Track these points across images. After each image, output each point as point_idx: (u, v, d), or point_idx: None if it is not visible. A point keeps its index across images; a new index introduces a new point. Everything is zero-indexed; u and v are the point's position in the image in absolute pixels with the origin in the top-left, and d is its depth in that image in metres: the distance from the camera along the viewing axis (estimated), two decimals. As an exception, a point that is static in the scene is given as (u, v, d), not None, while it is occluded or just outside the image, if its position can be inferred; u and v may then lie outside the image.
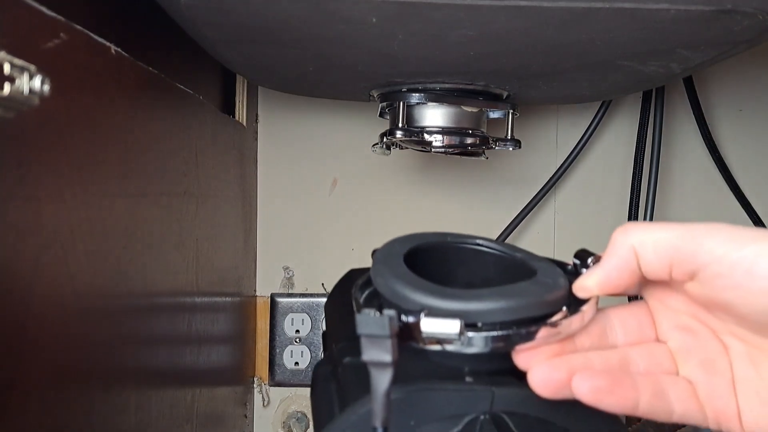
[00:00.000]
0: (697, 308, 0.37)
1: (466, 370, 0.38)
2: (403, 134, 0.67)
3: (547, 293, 0.37)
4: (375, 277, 0.39)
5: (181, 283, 0.60)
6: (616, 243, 0.36)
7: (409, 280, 0.37)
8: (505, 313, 0.35)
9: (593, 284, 0.37)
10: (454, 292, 0.36)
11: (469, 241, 0.44)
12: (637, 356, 0.38)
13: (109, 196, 0.44)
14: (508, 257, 0.42)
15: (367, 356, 0.32)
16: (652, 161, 0.85)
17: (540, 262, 0.40)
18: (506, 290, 0.37)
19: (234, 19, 0.51)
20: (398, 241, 0.43)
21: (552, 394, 0.34)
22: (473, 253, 0.43)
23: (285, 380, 0.92)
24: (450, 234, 0.44)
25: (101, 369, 0.44)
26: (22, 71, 0.31)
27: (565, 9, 0.45)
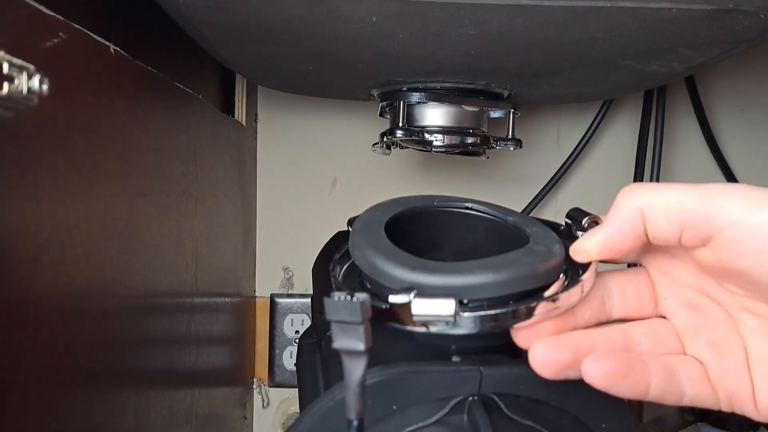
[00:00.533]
0: (705, 280, 0.34)
1: (453, 348, 0.36)
2: (403, 134, 0.67)
3: (541, 263, 0.34)
4: (353, 250, 0.36)
5: (180, 283, 0.60)
6: (621, 204, 0.33)
7: (389, 253, 0.34)
8: (497, 288, 0.33)
9: (593, 247, 0.34)
10: (439, 266, 0.33)
11: (458, 204, 0.41)
12: (639, 334, 0.35)
13: (107, 196, 0.44)
14: (500, 221, 0.40)
15: (338, 344, 0.29)
16: (654, 161, 0.84)
17: (533, 227, 0.38)
18: (497, 261, 0.34)
19: (233, 18, 0.51)
20: (380, 207, 0.40)
21: (554, 374, 0.32)
22: (462, 217, 0.40)
23: (285, 381, 0.91)
24: (438, 197, 0.41)
25: (100, 369, 0.44)
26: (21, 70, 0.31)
27: (566, 8, 0.45)
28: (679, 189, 0.32)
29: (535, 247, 0.35)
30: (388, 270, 0.33)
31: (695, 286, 0.35)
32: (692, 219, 0.31)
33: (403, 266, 0.33)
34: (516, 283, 0.33)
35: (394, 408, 0.34)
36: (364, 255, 0.35)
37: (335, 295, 0.29)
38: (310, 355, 0.44)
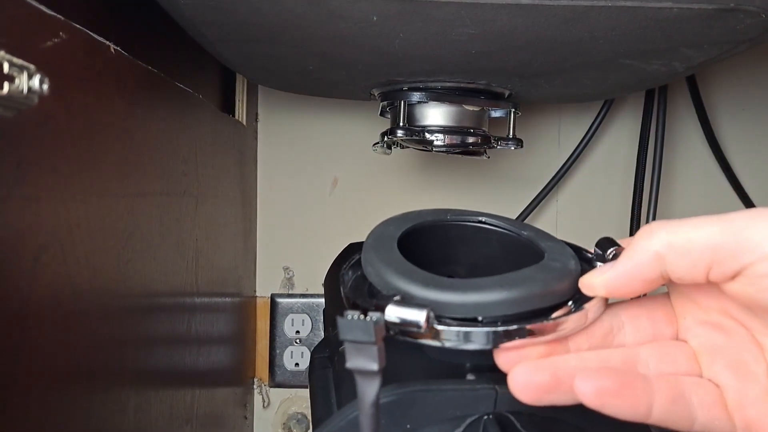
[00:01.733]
0: (731, 305, 0.33)
1: (468, 366, 0.35)
2: (404, 133, 0.67)
3: (556, 280, 0.33)
4: (365, 265, 0.36)
5: (180, 283, 0.60)
6: (637, 246, 0.32)
7: (402, 270, 0.34)
8: (511, 306, 0.32)
9: (600, 285, 0.33)
10: (453, 283, 0.33)
11: (471, 218, 0.40)
12: (648, 355, 0.33)
13: (108, 196, 0.44)
14: (514, 236, 0.39)
15: (352, 363, 0.29)
16: (655, 160, 0.84)
17: (548, 241, 0.37)
18: (511, 278, 0.33)
19: (234, 18, 0.51)
20: (392, 222, 0.39)
21: (533, 399, 0.31)
22: (476, 231, 0.40)
23: (285, 381, 0.91)
24: (450, 210, 0.40)
25: (100, 369, 0.44)
26: (22, 70, 0.30)
27: (567, 7, 0.45)
28: (701, 225, 0.30)
29: (550, 263, 0.35)
30: (401, 287, 0.33)
31: (720, 309, 0.34)
32: (719, 256, 0.30)
33: (416, 283, 0.33)
34: (530, 301, 0.33)
35: (408, 427, 0.34)
36: (377, 271, 0.34)
37: (348, 314, 0.29)
38: (322, 370, 0.44)
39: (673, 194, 0.92)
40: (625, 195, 0.89)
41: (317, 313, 0.91)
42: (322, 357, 0.45)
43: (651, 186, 0.84)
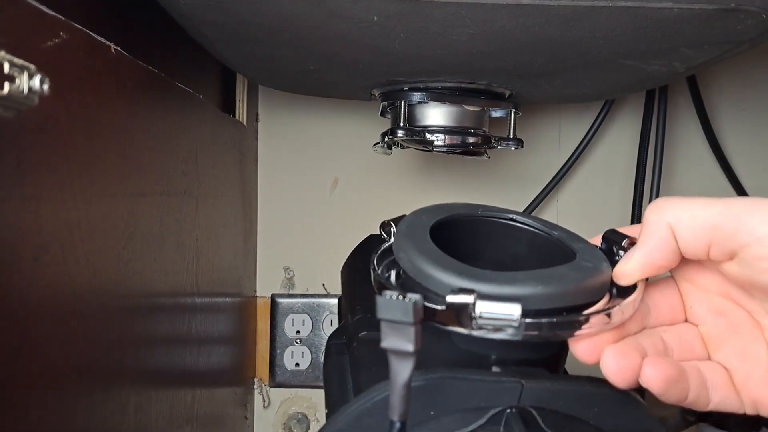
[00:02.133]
0: (732, 287, 0.35)
1: (493, 358, 0.35)
2: (404, 133, 0.67)
3: (590, 279, 0.34)
4: (397, 252, 0.36)
5: (180, 283, 0.60)
6: (651, 222, 0.33)
7: (435, 258, 0.34)
8: (546, 300, 0.32)
9: (634, 269, 0.34)
10: (487, 274, 0.33)
11: (503, 215, 0.40)
12: (670, 341, 0.35)
13: (108, 196, 0.44)
14: (544, 235, 0.39)
15: (387, 343, 0.29)
16: (655, 160, 0.84)
17: (579, 243, 0.37)
18: (546, 274, 0.33)
19: (234, 18, 0.51)
20: (425, 212, 0.39)
21: (627, 381, 0.32)
22: (506, 228, 0.40)
23: (285, 381, 0.91)
24: (482, 206, 0.41)
25: (100, 369, 0.44)
26: (22, 70, 0.30)
27: (568, 7, 0.45)
28: (703, 204, 0.32)
29: (582, 263, 0.35)
30: (434, 274, 0.33)
31: (721, 292, 0.35)
32: (718, 235, 0.32)
33: (450, 272, 0.33)
34: (565, 297, 0.33)
35: (432, 414, 0.33)
36: (410, 258, 0.34)
37: (387, 294, 0.29)
38: (338, 356, 0.44)
39: (674, 194, 0.91)
40: (626, 195, 0.89)
41: (317, 313, 0.91)
42: (338, 343, 0.45)
43: (651, 186, 0.84)
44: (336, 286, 0.92)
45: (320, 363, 0.91)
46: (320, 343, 0.91)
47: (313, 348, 0.91)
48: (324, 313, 0.91)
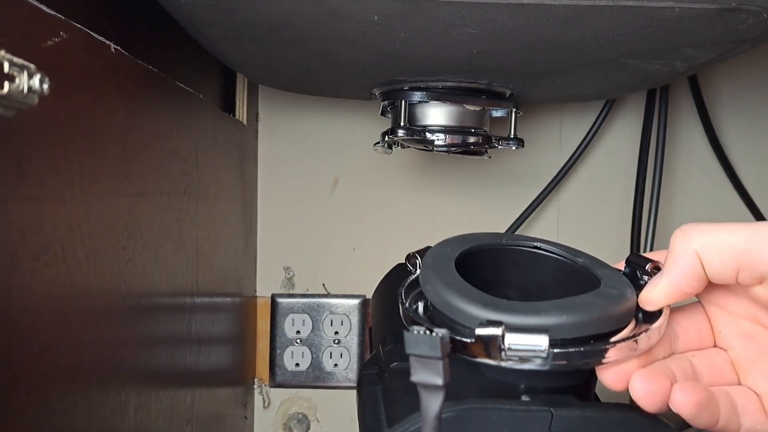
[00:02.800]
0: (760, 311, 0.35)
1: (523, 387, 0.36)
2: (405, 133, 0.67)
3: (615, 306, 0.34)
4: (424, 284, 0.36)
5: (181, 283, 0.60)
6: (678, 248, 0.34)
7: (462, 290, 0.34)
8: (572, 329, 0.33)
9: (661, 295, 0.35)
10: (513, 305, 0.33)
11: (527, 243, 0.41)
12: (700, 366, 0.36)
13: (108, 196, 0.44)
14: (569, 262, 0.40)
15: (416, 378, 0.29)
16: (656, 160, 0.84)
17: (603, 269, 0.38)
18: (571, 303, 0.34)
19: (234, 17, 0.51)
20: (449, 243, 0.40)
21: (657, 406, 0.33)
22: (530, 256, 0.40)
23: (285, 381, 0.91)
24: (505, 235, 0.41)
25: (101, 369, 0.44)
26: (22, 70, 0.30)
27: (569, 6, 0.45)
28: (730, 230, 0.33)
29: (607, 290, 0.35)
30: (461, 307, 0.33)
31: (750, 316, 0.36)
32: (747, 260, 0.32)
33: (477, 304, 0.33)
34: (591, 325, 0.33)
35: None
36: (436, 290, 0.35)
37: (414, 329, 0.29)
38: (371, 387, 0.44)
39: (675, 194, 0.92)
40: (627, 195, 0.89)
41: (318, 313, 0.91)
42: (370, 374, 0.45)
43: (652, 186, 0.84)
44: (336, 286, 0.92)
45: (320, 363, 0.91)
46: (320, 343, 0.91)
47: (313, 348, 0.91)
48: (324, 313, 0.91)
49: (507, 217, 0.89)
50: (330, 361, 0.91)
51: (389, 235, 0.92)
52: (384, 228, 0.92)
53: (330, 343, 0.91)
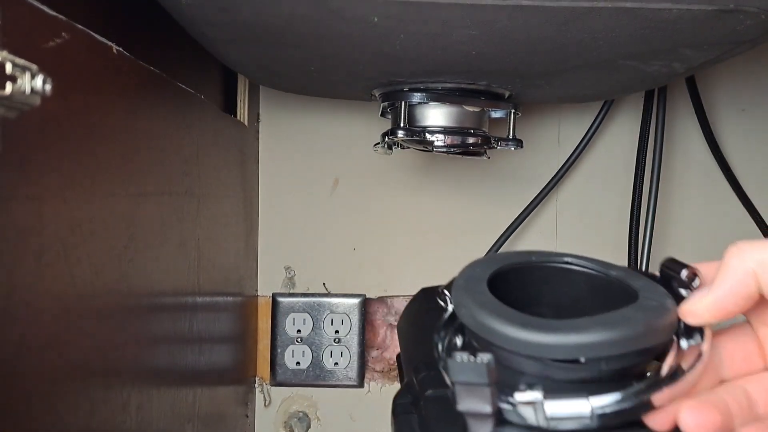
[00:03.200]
0: None
1: None
2: (404, 134, 0.67)
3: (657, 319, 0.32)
4: (458, 308, 0.35)
5: (182, 282, 0.60)
6: (731, 265, 0.32)
7: (498, 311, 0.33)
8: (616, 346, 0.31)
9: (705, 310, 0.33)
10: (551, 324, 0.32)
11: (557, 259, 0.39)
12: (755, 393, 0.34)
13: (110, 196, 0.44)
14: (602, 276, 0.38)
15: (463, 406, 0.29)
16: (654, 161, 0.85)
17: (639, 281, 0.36)
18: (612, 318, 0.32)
19: (235, 18, 0.51)
20: (479, 265, 0.38)
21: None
22: (561, 272, 0.39)
23: (286, 380, 0.92)
24: (534, 252, 0.40)
25: (102, 368, 0.44)
26: (24, 71, 0.31)
27: (568, 8, 0.45)
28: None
29: (646, 302, 0.34)
30: (498, 328, 0.32)
31: None
32: None
33: (514, 324, 0.32)
34: (634, 341, 0.32)
35: None
36: (471, 313, 0.34)
37: (458, 356, 0.28)
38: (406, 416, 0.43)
39: (673, 194, 0.92)
40: (625, 195, 0.89)
41: (318, 313, 0.92)
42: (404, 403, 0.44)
43: (650, 186, 0.84)
44: (336, 285, 0.92)
45: (321, 361, 0.91)
46: (320, 342, 0.91)
47: (314, 347, 0.91)
48: (324, 312, 0.91)
49: (506, 217, 0.89)
50: (330, 360, 0.91)
51: (389, 235, 0.93)
52: (384, 228, 0.93)
53: (330, 342, 0.91)
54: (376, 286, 0.92)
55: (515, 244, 0.91)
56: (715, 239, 0.91)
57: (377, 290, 0.92)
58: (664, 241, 0.91)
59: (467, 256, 0.79)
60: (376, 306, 0.93)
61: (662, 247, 0.90)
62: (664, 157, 0.85)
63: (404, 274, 0.92)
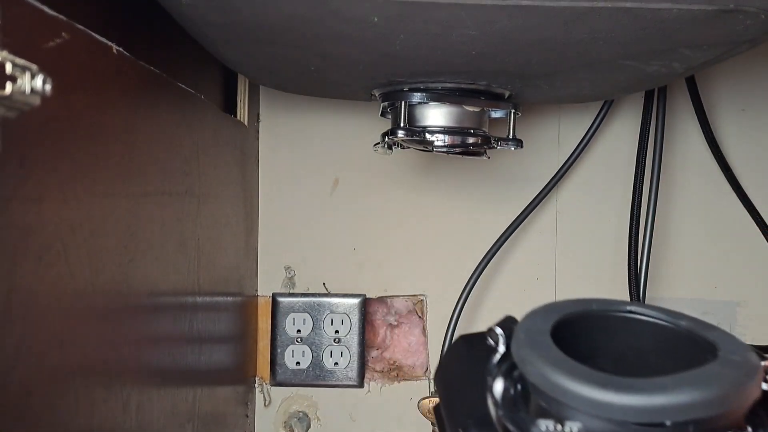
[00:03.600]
0: None
1: None
2: (404, 134, 0.67)
3: (751, 376, 0.30)
4: (524, 365, 0.33)
5: (182, 282, 0.60)
6: None
7: (570, 370, 0.31)
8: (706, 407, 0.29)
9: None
10: (632, 383, 0.30)
11: (619, 308, 0.37)
12: None
13: (110, 196, 0.44)
14: (670, 327, 0.36)
15: None
16: (654, 161, 0.85)
17: (713, 332, 0.34)
18: (698, 376, 0.30)
19: (235, 18, 0.51)
20: (538, 315, 0.36)
21: None
22: (624, 322, 0.37)
23: (286, 380, 0.92)
24: (595, 300, 0.38)
25: (102, 368, 0.44)
26: (24, 71, 0.31)
27: (568, 8, 0.45)
28: None
29: (729, 357, 0.32)
30: (575, 389, 0.30)
31: None
32: None
33: (593, 385, 0.30)
34: (727, 401, 0.30)
35: None
36: (541, 372, 0.32)
37: (542, 424, 0.28)
38: None
39: (673, 194, 0.92)
40: (625, 195, 0.89)
41: (318, 312, 0.92)
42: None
43: (650, 186, 0.84)
44: (336, 285, 0.92)
45: (321, 361, 0.91)
46: (320, 342, 0.91)
47: (314, 347, 0.91)
48: (324, 312, 0.91)
49: (506, 217, 0.89)
50: (330, 360, 0.91)
51: (389, 235, 0.93)
52: (384, 228, 0.93)
53: (330, 342, 0.91)
54: (376, 286, 0.92)
55: (515, 243, 0.91)
56: (715, 239, 0.91)
57: (377, 290, 0.92)
58: (664, 241, 0.91)
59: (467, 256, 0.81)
60: (376, 306, 0.93)
61: (662, 247, 0.90)
62: (664, 157, 0.85)
63: (404, 274, 0.93)
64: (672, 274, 0.91)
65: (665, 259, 0.91)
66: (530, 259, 0.92)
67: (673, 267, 0.91)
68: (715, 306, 0.91)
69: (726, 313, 0.91)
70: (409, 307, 0.93)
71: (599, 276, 0.92)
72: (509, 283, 0.92)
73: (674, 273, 0.91)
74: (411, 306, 0.93)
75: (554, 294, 0.92)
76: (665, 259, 0.91)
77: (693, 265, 0.91)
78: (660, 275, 0.91)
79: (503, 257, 0.92)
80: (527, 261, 0.92)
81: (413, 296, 0.93)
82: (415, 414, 0.87)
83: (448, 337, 0.86)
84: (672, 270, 0.91)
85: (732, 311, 0.91)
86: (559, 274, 0.92)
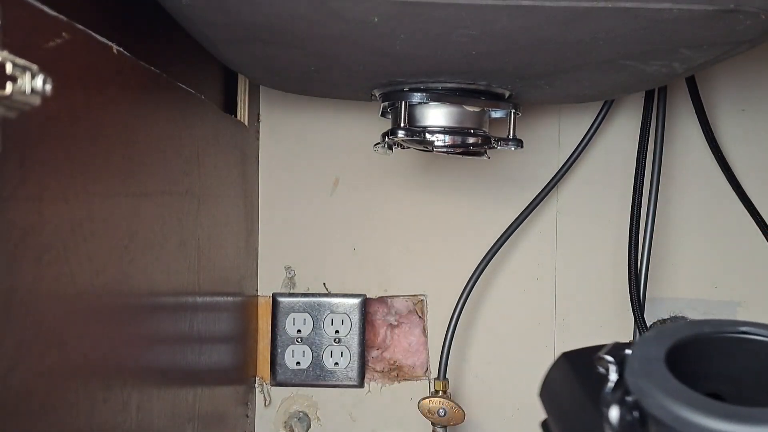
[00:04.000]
0: None
1: None
2: (405, 134, 0.67)
3: None
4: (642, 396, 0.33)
5: (182, 282, 0.60)
6: None
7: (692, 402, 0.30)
8: None
9: None
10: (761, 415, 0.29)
11: (733, 329, 0.36)
12: None
13: (110, 196, 0.44)
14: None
15: None
16: (655, 161, 0.85)
17: None
18: None
19: (235, 19, 0.51)
20: (651, 342, 0.35)
21: None
22: (737, 342, 0.36)
23: (286, 380, 0.92)
24: (707, 322, 0.37)
25: (103, 368, 0.44)
26: (24, 71, 0.31)
27: (568, 8, 0.45)
28: None
29: None
30: (697, 421, 0.30)
31: None
32: None
33: (713, 416, 0.29)
34: None
35: None
36: (662, 404, 0.31)
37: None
38: None
39: (673, 194, 0.92)
40: (625, 195, 0.89)
41: (318, 312, 0.92)
42: None
43: (651, 186, 0.84)
44: (336, 285, 0.92)
45: (321, 361, 0.91)
46: (321, 342, 0.91)
47: (314, 347, 0.91)
48: (325, 312, 0.91)
49: (506, 217, 0.89)
50: (330, 360, 0.91)
51: (389, 235, 0.93)
52: (384, 228, 0.93)
53: (330, 342, 0.91)
54: (376, 286, 0.92)
55: (515, 244, 0.91)
56: (715, 239, 0.91)
57: (377, 290, 0.93)
58: (664, 241, 0.91)
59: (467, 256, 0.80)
60: (377, 306, 0.93)
61: (662, 247, 0.90)
62: (664, 157, 0.85)
63: (404, 274, 0.93)
64: (672, 274, 0.91)
65: (665, 259, 0.91)
66: (530, 259, 0.92)
67: (673, 267, 0.91)
68: (715, 306, 0.91)
69: (726, 314, 0.91)
70: (410, 307, 0.93)
71: (599, 276, 0.92)
72: (509, 283, 0.92)
73: (674, 273, 0.91)
74: (411, 306, 0.93)
75: (554, 294, 0.92)
76: (665, 260, 0.91)
77: (693, 265, 0.91)
78: (660, 275, 0.91)
79: (503, 257, 0.92)
80: (527, 261, 0.92)
81: (413, 296, 0.93)
82: (415, 414, 0.87)
83: (448, 337, 0.86)
84: (672, 270, 0.91)
85: (732, 311, 0.91)
86: (559, 275, 0.92)
